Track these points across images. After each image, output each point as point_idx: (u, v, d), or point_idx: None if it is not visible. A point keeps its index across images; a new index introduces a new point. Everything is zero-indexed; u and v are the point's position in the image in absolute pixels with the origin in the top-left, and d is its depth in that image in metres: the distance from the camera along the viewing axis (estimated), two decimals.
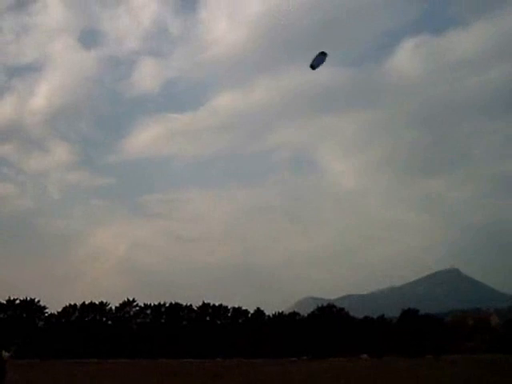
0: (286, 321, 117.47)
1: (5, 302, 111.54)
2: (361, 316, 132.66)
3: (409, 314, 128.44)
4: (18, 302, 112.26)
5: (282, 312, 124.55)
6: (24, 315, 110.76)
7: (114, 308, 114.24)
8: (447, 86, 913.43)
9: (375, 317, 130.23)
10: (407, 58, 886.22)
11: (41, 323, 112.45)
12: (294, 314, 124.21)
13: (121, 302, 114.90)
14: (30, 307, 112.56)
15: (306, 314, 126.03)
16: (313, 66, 15.78)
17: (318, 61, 15.70)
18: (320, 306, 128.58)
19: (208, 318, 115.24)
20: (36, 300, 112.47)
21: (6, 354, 19.34)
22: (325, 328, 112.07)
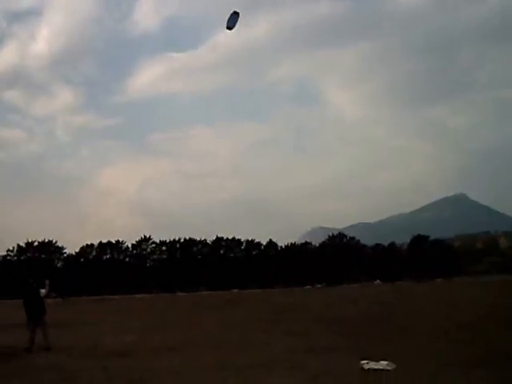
0: (298, 251, 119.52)
1: (24, 245, 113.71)
2: (371, 244, 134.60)
3: (418, 240, 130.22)
4: (36, 244, 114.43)
5: (294, 242, 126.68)
6: (43, 256, 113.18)
7: (130, 246, 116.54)
8: (448, 13, 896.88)
9: (385, 244, 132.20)
10: None
11: (60, 263, 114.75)
12: (305, 244, 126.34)
13: (136, 239, 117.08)
14: (49, 248, 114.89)
15: (317, 244, 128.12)
16: (229, 28, 15.73)
17: (233, 20, 15.51)
18: (330, 235, 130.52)
19: (222, 252, 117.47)
20: (54, 241, 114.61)
21: (42, 291, 20.32)
22: (336, 256, 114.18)
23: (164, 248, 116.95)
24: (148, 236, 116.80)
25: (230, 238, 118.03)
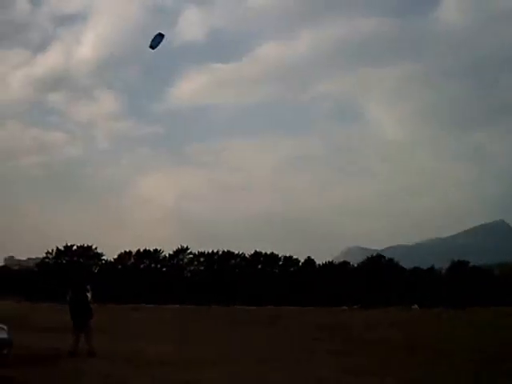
0: (336, 270, 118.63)
1: (62, 249, 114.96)
2: (408, 266, 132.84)
3: (458, 266, 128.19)
4: (75, 248, 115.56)
5: (332, 261, 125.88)
6: (81, 261, 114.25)
7: (167, 255, 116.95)
8: (492, 36, 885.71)
9: (423, 267, 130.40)
10: (452, 8, 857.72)
11: (96, 269, 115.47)
12: (344, 264, 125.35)
13: (173, 249, 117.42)
14: (87, 253, 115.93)
15: (354, 263, 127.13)
16: (152, 47, 16.61)
17: (157, 41, 16.50)
18: (368, 255, 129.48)
19: (260, 267, 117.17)
20: (93, 246, 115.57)
21: (88, 295, 20.40)
22: (375, 278, 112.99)
23: (202, 259, 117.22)
24: (186, 246, 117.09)
25: (269, 253, 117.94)
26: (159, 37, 16.47)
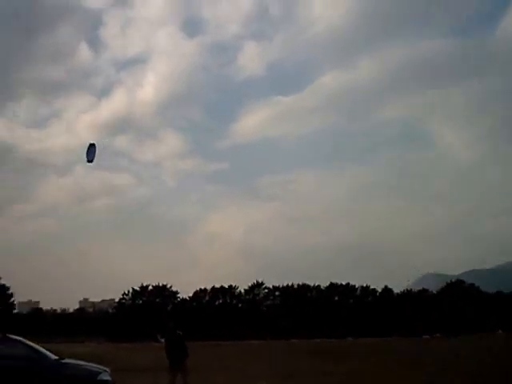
0: (414, 298, 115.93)
1: (138, 289, 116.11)
2: (485, 291, 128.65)
3: None
4: (150, 288, 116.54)
5: (410, 289, 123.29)
6: (157, 300, 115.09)
7: (243, 291, 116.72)
8: None
9: (505, 291, 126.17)
10: None
11: (170, 307, 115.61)
12: (422, 291, 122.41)
13: (247, 284, 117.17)
14: (163, 292, 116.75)
15: (431, 291, 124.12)
16: (90, 161, 16.65)
17: (91, 153, 16.57)
18: (445, 281, 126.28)
19: (336, 298, 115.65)
20: (168, 285, 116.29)
21: (179, 333, 20.10)
22: (455, 304, 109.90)
23: (277, 293, 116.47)
24: (261, 281, 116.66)
25: (344, 283, 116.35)
26: (92, 147, 16.79)
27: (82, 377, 16.43)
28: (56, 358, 17.33)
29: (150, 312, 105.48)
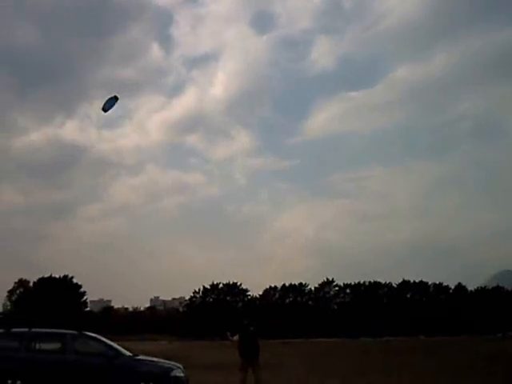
0: (489, 295, 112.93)
1: (209, 287, 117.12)
2: None
3: None
4: (221, 286, 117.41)
5: (485, 286, 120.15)
6: (227, 298, 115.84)
7: (313, 288, 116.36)
8: None
9: None
10: None
11: (240, 305, 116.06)
12: (497, 288, 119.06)
13: (319, 282, 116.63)
14: (233, 290, 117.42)
15: (507, 288, 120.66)
16: (104, 110, 16.71)
17: (110, 104, 16.71)
18: None
19: (408, 296, 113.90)
20: (238, 283, 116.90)
21: (253, 330, 20.10)
22: None
23: (347, 291, 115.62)
24: (331, 279, 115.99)
25: (417, 281, 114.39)
26: (113, 99, 16.81)
27: (156, 373, 16.67)
28: (130, 354, 17.65)
29: (220, 310, 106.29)
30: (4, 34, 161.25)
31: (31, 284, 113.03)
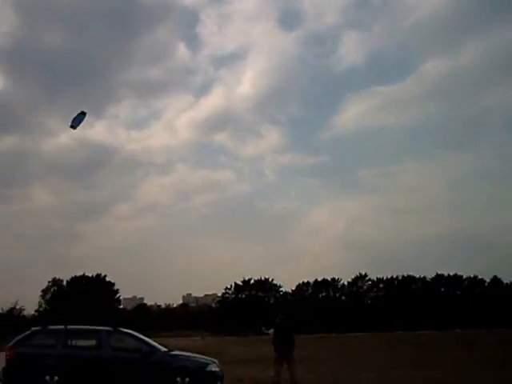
0: None
1: (241, 283, 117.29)
2: None
3: None
4: (252, 282, 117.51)
5: None
6: (260, 294, 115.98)
7: (346, 283, 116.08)
8: None
9: None
10: None
11: (272, 300, 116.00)
12: None
13: (351, 277, 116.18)
14: (265, 286, 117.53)
15: None
16: (73, 127, 16.41)
17: (78, 120, 16.36)
18: None
19: (442, 289, 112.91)
20: (270, 279, 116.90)
21: (288, 325, 20.13)
22: None
23: (381, 286, 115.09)
24: (364, 273, 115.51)
25: (451, 274, 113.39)
26: (81, 115, 16.67)
27: (192, 368, 16.81)
28: (165, 350, 17.79)
29: (252, 306, 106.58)
30: (33, 36, 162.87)
31: (64, 283, 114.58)
